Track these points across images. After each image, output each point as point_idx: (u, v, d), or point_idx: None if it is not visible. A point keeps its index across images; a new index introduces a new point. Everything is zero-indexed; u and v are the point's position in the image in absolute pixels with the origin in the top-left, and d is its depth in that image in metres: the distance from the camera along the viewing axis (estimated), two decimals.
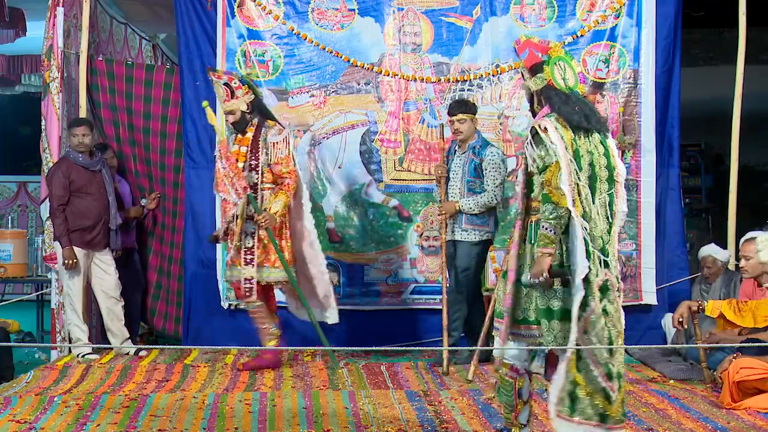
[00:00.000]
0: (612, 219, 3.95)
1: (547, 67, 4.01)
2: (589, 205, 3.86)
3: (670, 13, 7.09)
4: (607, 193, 3.93)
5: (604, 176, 3.95)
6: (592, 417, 3.85)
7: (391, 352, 6.78)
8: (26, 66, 10.46)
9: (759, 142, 10.79)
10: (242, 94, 6.18)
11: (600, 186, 3.92)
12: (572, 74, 4.05)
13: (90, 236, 6.64)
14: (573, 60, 4.10)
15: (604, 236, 3.90)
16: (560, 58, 4.05)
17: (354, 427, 4.63)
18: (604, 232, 3.91)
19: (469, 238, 6.32)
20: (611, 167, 3.97)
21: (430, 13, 7.18)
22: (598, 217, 3.90)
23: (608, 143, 4.01)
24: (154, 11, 8.61)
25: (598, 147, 3.96)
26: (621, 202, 4.00)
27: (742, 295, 5.88)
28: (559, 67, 4.03)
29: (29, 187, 12.55)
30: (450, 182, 6.36)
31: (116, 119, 7.50)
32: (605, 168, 3.95)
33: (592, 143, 3.95)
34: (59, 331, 6.94)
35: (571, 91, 4.02)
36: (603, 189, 3.93)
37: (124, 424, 4.67)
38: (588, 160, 3.91)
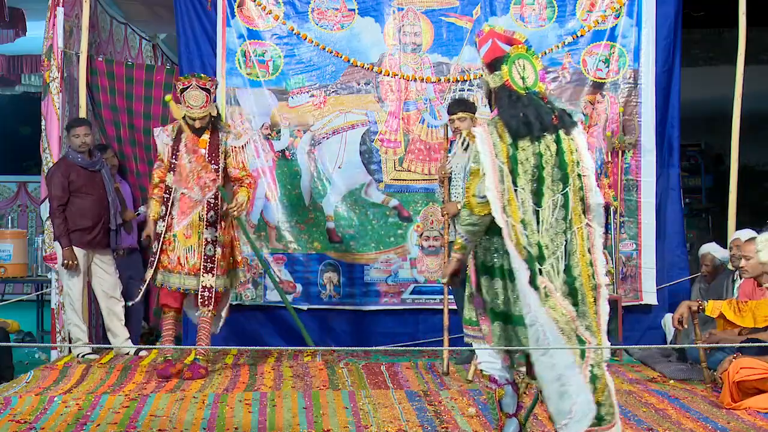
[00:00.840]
0: (570, 217, 3.82)
1: (505, 66, 3.92)
2: (528, 212, 3.78)
3: (670, 13, 7.09)
4: (561, 192, 3.82)
5: (556, 176, 3.83)
6: None
7: (391, 352, 6.78)
8: (26, 66, 10.46)
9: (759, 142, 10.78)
10: (213, 98, 6.21)
11: (549, 188, 3.82)
12: (532, 72, 3.94)
13: (90, 236, 6.64)
14: (535, 57, 3.99)
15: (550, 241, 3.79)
16: (520, 55, 3.94)
17: (354, 427, 4.63)
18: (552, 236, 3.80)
19: None
20: (564, 165, 3.84)
21: (430, 13, 7.19)
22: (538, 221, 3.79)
23: (564, 142, 3.86)
24: (154, 11, 8.61)
25: (550, 147, 3.84)
26: (592, 195, 3.89)
27: (742, 295, 5.88)
28: (518, 66, 3.93)
29: (29, 187, 12.54)
30: (453, 182, 6.35)
31: (117, 119, 7.51)
32: (557, 168, 3.83)
33: (542, 145, 3.83)
34: (59, 331, 6.94)
35: (528, 91, 3.91)
36: (556, 190, 3.82)
37: (124, 424, 4.67)
38: (534, 163, 3.80)
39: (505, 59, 3.92)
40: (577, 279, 3.81)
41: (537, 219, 3.80)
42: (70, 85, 7.20)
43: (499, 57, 3.95)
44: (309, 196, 7.21)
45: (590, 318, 3.81)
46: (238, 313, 7.17)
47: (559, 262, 3.80)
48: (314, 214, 7.21)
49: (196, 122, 6.11)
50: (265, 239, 7.20)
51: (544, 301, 3.73)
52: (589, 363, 3.77)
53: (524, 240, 3.73)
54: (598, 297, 3.85)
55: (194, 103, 6.09)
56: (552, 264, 3.79)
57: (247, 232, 6.60)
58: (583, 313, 3.80)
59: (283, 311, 7.21)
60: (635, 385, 5.66)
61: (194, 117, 6.09)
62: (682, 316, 5.55)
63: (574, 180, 3.85)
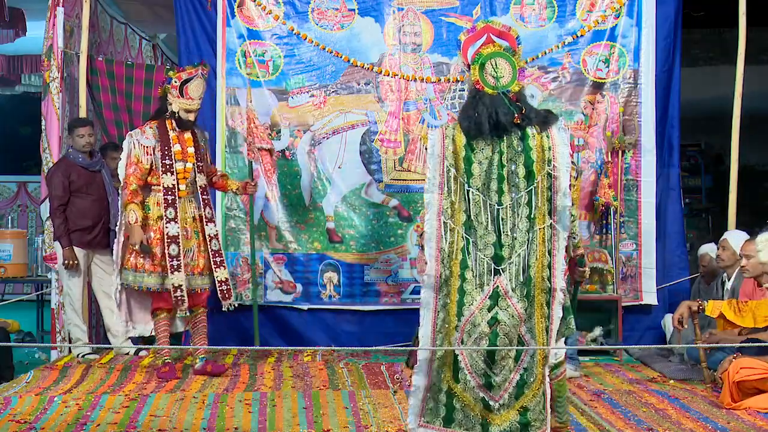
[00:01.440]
0: (533, 216, 3.79)
1: (474, 65, 3.89)
2: (479, 212, 3.78)
3: (670, 13, 7.10)
4: (525, 191, 3.79)
5: (520, 174, 3.79)
6: (473, 427, 3.80)
7: (391, 352, 6.78)
8: (26, 66, 10.46)
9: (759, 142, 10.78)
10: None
11: (512, 187, 3.79)
12: (509, 72, 3.88)
13: (90, 236, 6.64)
14: (515, 56, 3.93)
15: (512, 239, 3.77)
16: (495, 54, 3.89)
17: (354, 427, 4.63)
18: (515, 235, 3.78)
19: None
20: (530, 162, 3.79)
21: (430, 13, 7.19)
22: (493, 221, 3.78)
23: (531, 139, 3.81)
24: (154, 11, 8.61)
25: (514, 146, 3.81)
26: (559, 196, 3.81)
27: (742, 295, 5.88)
28: (491, 66, 3.88)
29: (29, 187, 12.53)
30: None
31: (119, 119, 7.51)
32: (522, 165, 3.79)
33: (503, 144, 3.81)
34: (59, 331, 6.94)
35: (502, 90, 3.86)
36: (520, 188, 3.79)
37: (124, 424, 4.67)
38: (496, 162, 3.79)
39: (476, 59, 3.90)
40: (531, 279, 3.79)
41: (498, 218, 3.79)
42: (70, 85, 7.20)
43: (473, 57, 3.92)
44: (309, 196, 7.21)
45: (534, 320, 3.79)
46: (238, 313, 7.16)
47: (521, 260, 3.78)
48: (314, 214, 7.21)
49: (191, 115, 6.04)
50: (265, 239, 7.20)
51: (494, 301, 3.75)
52: (522, 366, 3.77)
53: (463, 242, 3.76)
54: (552, 301, 3.80)
55: (196, 95, 6.03)
56: (513, 262, 3.77)
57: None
58: (529, 314, 3.79)
59: (283, 311, 7.22)
60: (635, 385, 5.66)
61: (191, 109, 6.02)
62: (682, 316, 5.55)
63: (542, 178, 3.81)
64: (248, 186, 6.46)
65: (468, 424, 3.80)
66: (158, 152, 5.95)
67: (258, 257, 7.13)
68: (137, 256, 5.89)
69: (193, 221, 6.04)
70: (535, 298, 3.80)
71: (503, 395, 3.78)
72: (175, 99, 5.99)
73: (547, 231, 3.80)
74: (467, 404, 3.80)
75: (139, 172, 5.92)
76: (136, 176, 5.91)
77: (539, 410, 3.79)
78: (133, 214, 5.86)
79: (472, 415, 3.80)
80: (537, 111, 3.95)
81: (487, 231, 3.79)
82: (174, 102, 6.00)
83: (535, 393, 3.79)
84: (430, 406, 3.85)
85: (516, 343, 3.77)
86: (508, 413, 3.78)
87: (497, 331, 3.76)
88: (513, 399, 3.78)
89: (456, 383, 3.81)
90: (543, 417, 3.80)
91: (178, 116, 6.02)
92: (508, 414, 3.78)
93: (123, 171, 5.95)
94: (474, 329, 3.78)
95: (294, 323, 7.21)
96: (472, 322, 3.78)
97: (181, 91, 5.98)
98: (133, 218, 5.85)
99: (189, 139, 6.06)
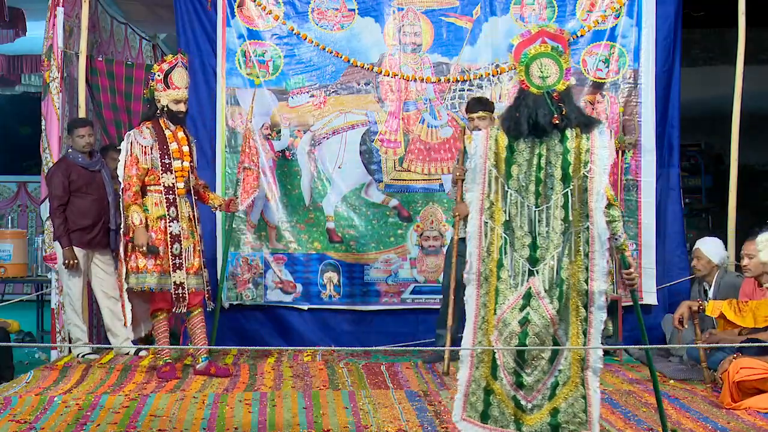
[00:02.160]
0: (570, 219, 3.78)
1: (521, 66, 3.92)
2: (517, 213, 3.81)
3: (670, 13, 7.09)
4: (561, 193, 3.79)
5: (557, 177, 3.80)
6: (508, 425, 3.82)
7: (391, 352, 6.78)
8: (26, 66, 10.46)
9: (759, 142, 10.79)
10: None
11: (549, 189, 3.81)
12: (555, 71, 3.91)
13: (90, 236, 6.64)
14: (563, 56, 3.94)
15: (548, 241, 3.78)
16: (542, 54, 3.91)
17: (354, 427, 4.63)
18: (551, 237, 3.78)
19: None
20: (567, 165, 3.80)
21: (430, 13, 7.19)
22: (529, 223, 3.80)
23: (570, 141, 3.81)
24: (154, 11, 8.61)
25: (552, 148, 3.83)
26: (595, 198, 3.76)
27: (743, 295, 5.88)
28: (538, 66, 3.91)
29: (29, 187, 12.54)
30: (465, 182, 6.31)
31: (118, 119, 7.51)
32: (559, 168, 3.81)
33: (543, 146, 3.84)
34: (59, 331, 6.94)
35: (547, 90, 3.88)
36: (557, 190, 3.80)
37: (124, 424, 4.67)
38: (535, 164, 3.82)
39: (522, 60, 3.94)
40: (564, 282, 3.77)
41: (534, 219, 3.81)
42: (70, 85, 7.19)
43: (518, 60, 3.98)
44: (309, 196, 7.22)
45: (570, 323, 3.77)
46: (238, 313, 7.18)
47: (554, 262, 3.79)
48: (314, 214, 7.21)
49: (181, 105, 5.99)
50: (265, 239, 7.20)
51: (527, 301, 3.77)
52: (557, 368, 3.77)
53: (501, 242, 3.79)
54: (590, 303, 3.75)
55: (181, 83, 5.99)
56: (547, 264, 3.78)
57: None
58: (563, 317, 3.78)
59: (283, 311, 7.22)
60: (635, 385, 5.67)
61: (180, 99, 5.97)
62: (683, 316, 5.55)
63: (578, 181, 3.79)
64: (232, 204, 6.41)
65: (503, 421, 3.83)
66: (156, 151, 5.93)
67: (258, 257, 7.15)
68: (138, 258, 5.88)
69: (189, 220, 6.04)
70: (570, 301, 3.77)
71: (536, 396, 3.79)
72: (162, 93, 5.97)
73: (583, 233, 3.77)
74: (503, 401, 3.83)
75: (140, 172, 5.91)
76: (138, 177, 5.89)
77: (573, 413, 3.76)
78: (137, 216, 5.84)
79: (507, 412, 3.82)
80: (580, 112, 3.96)
81: (524, 232, 3.82)
82: (162, 96, 5.97)
83: (567, 395, 3.76)
84: (471, 400, 3.89)
85: (548, 344, 3.78)
86: (539, 414, 3.78)
87: (527, 330, 3.78)
88: (546, 400, 3.78)
89: (494, 380, 3.84)
90: (579, 420, 3.75)
91: (169, 111, 5.99)
92: (540, 415, 3.78)
93: (123, 172, 5.92)
94: (505, 328, 3.81)
95: (294, 323, 7.21)
96: (503, 321, 3.81)
97: (166, 82, 5.95)
98: (138, 220, 5.83)
99: (183, 138, 6.06)
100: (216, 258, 7.09)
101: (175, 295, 5.91)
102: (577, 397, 3.75)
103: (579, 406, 3.75)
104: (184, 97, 6.01)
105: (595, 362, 3.74)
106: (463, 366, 3.90)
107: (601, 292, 3.74)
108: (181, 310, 5.95)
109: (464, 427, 3.90)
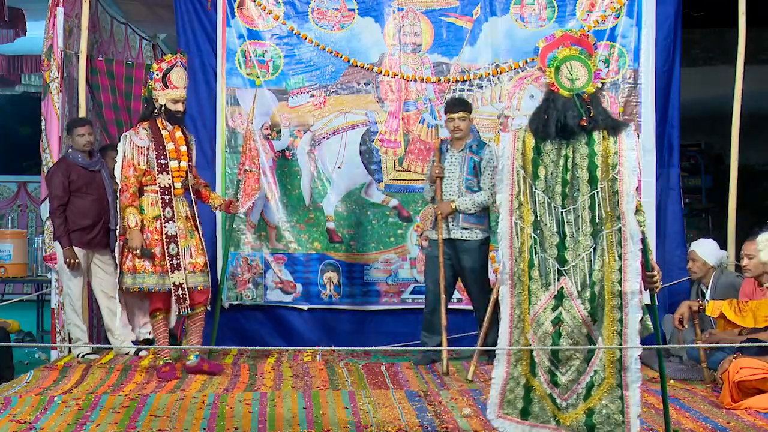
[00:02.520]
0: (599, 220, 3.81)
1: (550, 68, 3.99)
2: (544, 213, 3.86)
3: (670, 13, 7.09)
4: (588, 195, 3.82)
5: (584, 178, 3.84)
6: (548, 421, 3.87)
7: (391, 352, 6.78)
8: (26, 66, 10.45)
9: (759, 142, 10.80)
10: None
11: (575, 191, 3.85)
12: (584, 74, 3.99)
13: (90, 236, 6.64)
14: (590, 59, 4.03)
15: (574, 243, 3.83)
16: (570, 57, 4.00)
17: (354, 427, 4.63)
18: (578, 238, 3.82)
19: (475, 237, 6.29)
20: (594, 167, 3.84)
21: (430, 13, 7.19)
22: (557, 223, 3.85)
23: (598, 144, 3.86)
24: (154, 11, 8.61)
25: (579, 150, 3.87)
26: (624, 200, 3.81)
27: (743, 295, 5.88)
28: (567, 68, 3.99)
29: (29, 187, 12.54)
30: (445, 181, 6.33)
31: (119, 119, 7.51)
32: (585, 170, 3.85)
33: (570, 148, 3.89)
34: (59, 331, 6.94)
35: (576, 92, 3.95)
36: (584, 192, 3.84)
37: (124, 424, 4.67)
38: (561, 165, 3.88)
39: (551, 62, 4.00)
40: (596, 283, 3.79)
41: (562, 220, 3.85)
42: (70, 85, 7.20)
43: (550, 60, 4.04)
44: (309, 196, 7.22)
45: (605, 324, 3.78)
46: (238, 313, 7.18)
47: (585, 264, 3.81)
48: (314, 214, 7.21)
49: (179, 105, 5.97)
50: (265, 239, 7.20)
51: (560, 302, 3.81)
52: (593, 369, 3.78)
53: (531, 242, 3.83)
54: (624, 304, 3.74)
55: (180, 83, 5.97)
56: (576, 265, 3.81)
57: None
58: (596, 318, 3.80)
59: (283, 311, 7.22)
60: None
61: (178, 99, 5.95)
62: (683, 316, 5.55)
63: (607, 183, 3.82)
64: (231, 205, 6.40)
65: (544, 416, 3.88)
66: (153, 152, 5.91)
67: (258, 257, 7.15)
68: (134, 259, 5.87)
69: (186, 220, 6.02)
70: (604, 302, 3.78)
71: (571, 396, 3.85)
72: (160, 92, 5.95)
73: (615, 235, 3.78)
74: (543, 398, 3.88)
75: (137, 173, 5.89)
76: (135, 178, 5.88)
77: (608, 414, 3.77)
78: (133, 218, 5.82)
79: (547, 408, 3.87)
80: (607, 114, 4.00)
81: (552, 232, 3.87)
82: (160, 96, 5.96)
83: (602, 396, 3.78)
84: (509, 398, 3.93)
85: (582, 344, 3.81)
86: (574, 413, 3.82)
87: (560, 331, 3.84)
88: (581, 400, 3.82)
89: (533, 377, 3.89)
90: (615, 421, 3.77)
91: (167, 110, 5.97)
92: (575, 414, 3.82)
93: (120, 173, 5.91)
94: (538, 328, 3.87)
95: (294, 323, 7.21)
96: (536, 321, 3.87)
97: (164, 82, 5.94)
98: (133, 222, 5.82)
99: (181, 138, 6.04)
100: (216, 258, 7.09)
101: (175, 296, 5.90)
102: (614, 398, 3.77)
103: (615, 407, 3.77)
104: (182, 96, 6.00)
105: (631, 363, 3.75)
106: (499, 364, 3.94)
107: (634, 292, 3.75)
108: (184, 311, 5.94)
109: (501, 424, 3.95)
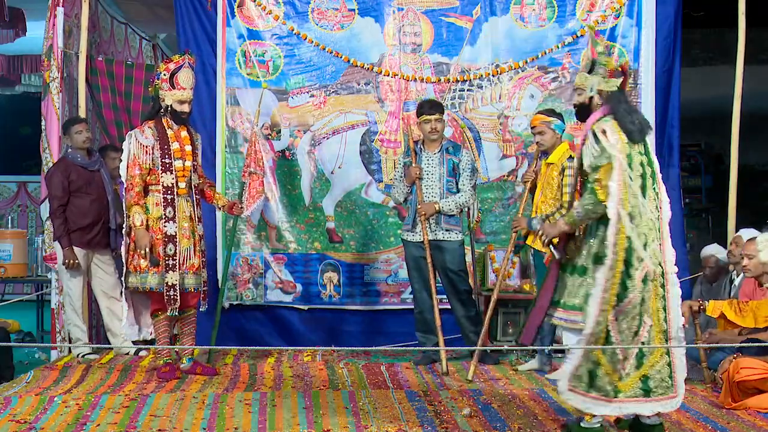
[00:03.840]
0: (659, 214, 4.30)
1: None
2: (637, 204, 4.18)
3: (670, 13, 7.10)
4: (652, 188, 4.27)
5: (650, 174, 4.27)
6: (609, 393, 4.18)
7: (391, 352, 6.78)
8: (26, 66, 10.46)
9: (759, 142, 10.79)
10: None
11: (649, 185, 4.26)
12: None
13: (89, 236, 6.64)
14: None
15: (648, 233, 4.21)
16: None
17: (354, 427, 4.63)
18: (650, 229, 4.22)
19: (455, 238, 6.32)
20: (652, 164, 4.30)
21: (430, 13, 7.19)
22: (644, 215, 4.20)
23: (649, 146, 4.34)
24: (154, 11, 8.62)
25: (647, 150, 4.31)
26: (661, 191, 4.36)
27: (743, 296, 5.88)
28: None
29: (29, 187, 12.55)
30: (424, 182, 6.31)
31: (119, 119, 7.51)
32: (648, 165, 4.27)
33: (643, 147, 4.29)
34: (59, 331, 6.94)
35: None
36: (652, 187, 4.27)
37: (124, 424, 4.67)
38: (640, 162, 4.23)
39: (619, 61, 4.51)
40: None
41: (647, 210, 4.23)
42: (70, 85, 7.20)
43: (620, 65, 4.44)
44: (309, 196, 7.22)
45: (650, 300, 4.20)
46: (238, 313, 7.19)
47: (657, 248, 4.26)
48: (314, 214, 7.21)
49: (185, 106, 5.95)
50: (265, 239, 7.21)
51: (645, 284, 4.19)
52: (641, 341, 4.18)
53: (629, 230, 4.14)
54: (666, 282, 4.25)
55: (187, 84, 5.95)
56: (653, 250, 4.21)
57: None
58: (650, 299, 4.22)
59: (283, 311, 7.22)
60: None
61: (185, 100, 5.93)
62: (683, 316, 5.54)
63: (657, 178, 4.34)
64: (236, 207, 6.33)
65: (604, 390, 4.19)
66: (158, 151, 5.90)
67: (258, 257, 7.15)
68: (140, 258, 5.86)
69: (189, 220, 6.01)
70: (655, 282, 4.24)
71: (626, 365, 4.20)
72: (167, 93, 5.93)
73: (657, 222, 4.32)
74: (608, 373, 4.18)
75: (142, 172, 5.87)
76: (140, 177, 5.86)
77: (660, 378, 4.22)
78: (138, 217, 5.81)
79: (608, 380, 4.18)
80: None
81: (639, 223, 4.20)
82: (166, 96, 5.94)
83: (654, 364, 4.20)
84: (578, 373, 4.23)
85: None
86: (630, 381, 4.20)
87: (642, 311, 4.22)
88: (634, 369, 4.19)
89: (603, 354, 4.18)
90: (666, 385, 4.23)
91: (173, 111, 5.96)
92: (631, 381, 4.20)
93: (125, 172, 5.89)
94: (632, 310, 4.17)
95: (294, 323, 7.21)
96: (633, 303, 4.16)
97: (171, 82, 5.92)
98: (139, 221, 5.80)
99: (186, 138, 6.02)
100: (216, 258, 7.09)
101: (166, 297, 5.88)
102: (663, 365, 4.22)
103: (665, 372, 4.23)
104: (189, 97, 5.99)
105: (676, 332, 4.25)
106: (582, 343, 4.20)
107: (674, 272, 4.31)
108: (172, 312, 5.91)
109: (570, 396, 4.27)
